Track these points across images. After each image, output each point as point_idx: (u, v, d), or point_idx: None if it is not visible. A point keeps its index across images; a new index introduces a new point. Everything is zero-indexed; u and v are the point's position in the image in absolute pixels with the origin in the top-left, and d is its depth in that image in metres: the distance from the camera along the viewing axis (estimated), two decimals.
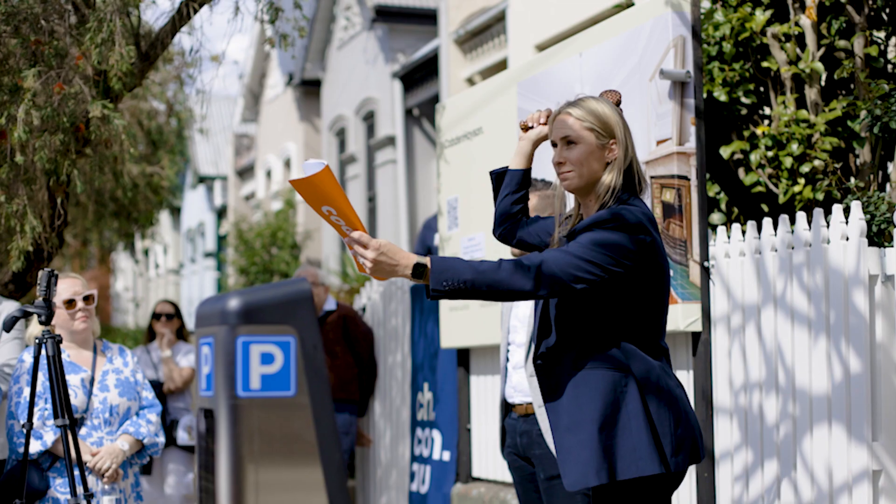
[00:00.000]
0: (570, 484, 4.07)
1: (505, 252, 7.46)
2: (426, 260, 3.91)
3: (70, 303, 6.32)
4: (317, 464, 6.50)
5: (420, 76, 19.60)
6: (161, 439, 6.50)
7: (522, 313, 5.72)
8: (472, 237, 7.91)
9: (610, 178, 4.13)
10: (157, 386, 9.52)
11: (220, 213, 34.95)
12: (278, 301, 6.60)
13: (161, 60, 11.67)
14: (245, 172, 31.86)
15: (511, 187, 4.58)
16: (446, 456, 8.87)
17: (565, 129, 4.17)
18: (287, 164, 27.12)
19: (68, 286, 6.32)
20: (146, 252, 39.31)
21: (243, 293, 6.94)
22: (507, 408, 5.90)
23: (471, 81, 17.35)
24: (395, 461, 9.89)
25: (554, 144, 4.23)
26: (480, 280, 3.88)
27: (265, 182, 28.95)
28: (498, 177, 4.68)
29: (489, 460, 8.43)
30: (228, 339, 6.53)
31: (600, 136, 4.15)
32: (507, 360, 5.84)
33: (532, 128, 4.48)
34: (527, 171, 4.58)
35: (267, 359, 6.46)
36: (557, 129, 4.20)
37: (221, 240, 33.67)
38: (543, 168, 6.43)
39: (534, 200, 5.73)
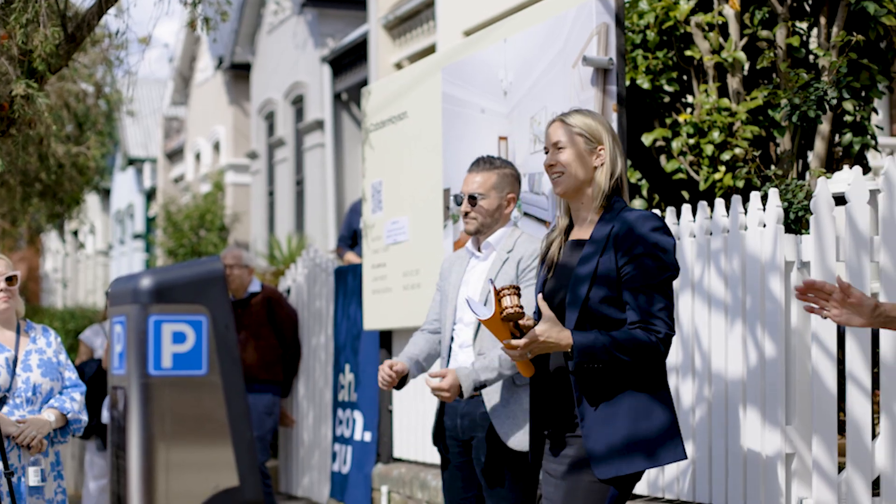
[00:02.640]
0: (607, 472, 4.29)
1: (434, 244, 7.49)
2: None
3: None
4: (228, 443, 6.50)
5: (349, 61, 19.56)
6: (84, 417, 6.46)
7: (472, 291, 5.68)
8: (396, 220, 7.93)
9: (601, 180, 4.44)
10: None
11: (150, 196, 34.72)
12: (190, 280, 6.58)
13: (88, 42, 11.57)
14: (174, 155, 31.67)
15: None
16: (367, 437, 8.90)
17: (555, 135, 4.49)
18: (216, 147, 27.01)
19: None
20: (75, 233, 39.01)
21: (156, 272, 6.91)
22: None
23: (399, 66, 17.34)
24: (318, 442, 9.91)
25: (546, 151, 4.52)
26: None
27: (194, 165, 28.81)
28: None
29: (410, 441, 8.47)
30: (140, 318, 6.51)
31: (588, 142, 4.46)
32: (452, 339, 5.70)
33: None
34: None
35: (179, 337, 6.45)
36: (549, 136, 4.51)
37: (150, 222, 33.47)
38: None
39: (493, 178, 5.66)
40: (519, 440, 5.45)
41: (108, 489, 9.58)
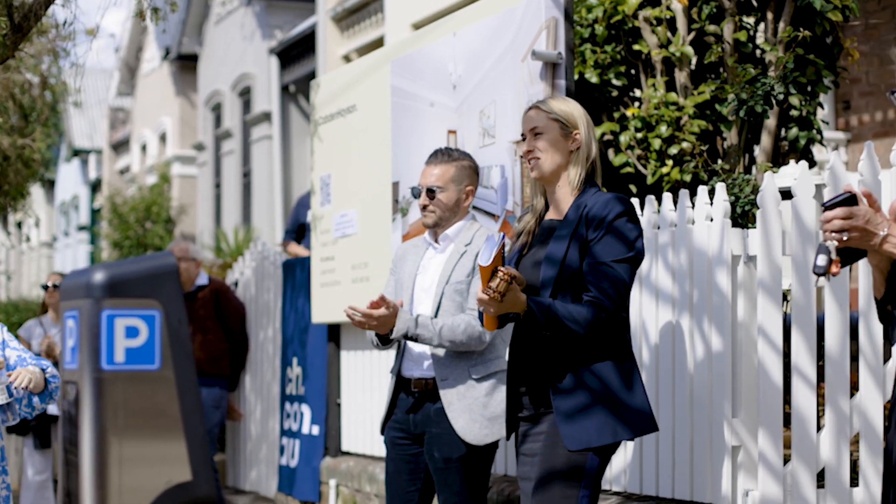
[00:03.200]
0: (581, 442, 4.44)
1: (383, 238, 7.49)
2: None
3: None
4: (181, 438, 6.49)
5: (297, 53, 19.51)
6: (59, 376, 6.32)
7: (428, 283, 5.67)
8: (345, 213, 7.92)
9: (577, 164, 4.61)
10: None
11: (95, 187, 34.51)
12: (143, 275, 6.56)
13: (35, 32, 11.47)
14: (120, 146, 31.49)
15: None
16: (315, 430, 8.89)
17: (533, 121, 4.64)
18: (162, 138, 26.87)
19: None
20: (19, 225, 38.69)
21: (108, 266, 6.88)
22: (401, 382, 5.73)
23: (348, 59, 17.31)
24: (266, 435, 9.89)
25: (524, 137, 4.65)
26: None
27: (140, 156, 28.65)
28: None
29: (358, 434, 8.47)
30: (93, 313, 6.48)
31: (564, 127, 4.60)
32: None
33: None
34: None
35: (131, 332, 6.44)
36: (526, 123, 4.66)
37: (95, 213, 33.26)
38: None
39: (452, 171, 5.65)
40: (475, 434, 5.46)
41: (47, 485, 9.53)
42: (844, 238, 3.46)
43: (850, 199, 3.48)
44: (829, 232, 3.47)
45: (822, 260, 3.45)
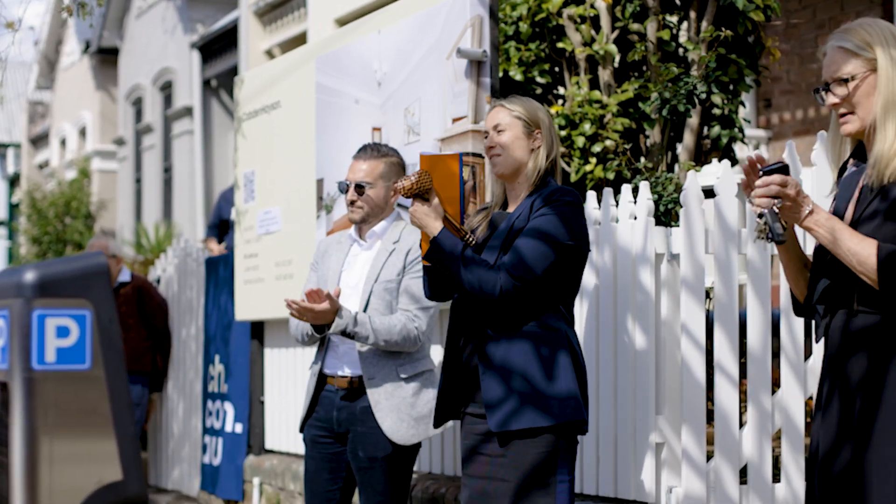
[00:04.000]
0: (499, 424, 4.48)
1: (307, 235, 7.46)
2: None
3: None
4: (111, 436, 6.44)
5: (219, 47, 19.40)
6: None
7: (356, 281, 5.65)
8: (269, 210, 7.89)
9: (536, 162, 4.67)
10: None
11: (13, 182, 34.16)
12: (74, 274, 6.51)
13: None
14: (39, 140, 31.17)
15: None
16: (238, 428, 8.85)
17: (496, 118, 4.71)
18: (82, 132, 26.62)
19: None
20: None
21: (39, 266, 6.81)
22: (323, 379, 5.68)
23: (270, 54, 17.25)
24: (188, 433, 9.83)
25: (486, 135, 4.71)
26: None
27: (59, 151, 28.37)
28: None
29: (282, 433, 8.44)
30: (24, 312, 6.42)
31: (526, 125, 4.68)
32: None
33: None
34: None
35: (62, 332, 6.38)
36: (489, 120, 4.73)
37: (14, 208, 32.93)
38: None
39: (381, 167, 5.64)
40: (403, 434, 5.45)
41: None
42: (778, 205, 3.51)
43: (785, 169, 3.54)
44: (764, 197, 3.52)
45: (779, 227, 3.51)
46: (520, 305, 4.50)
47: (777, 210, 3.53)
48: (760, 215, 3.55)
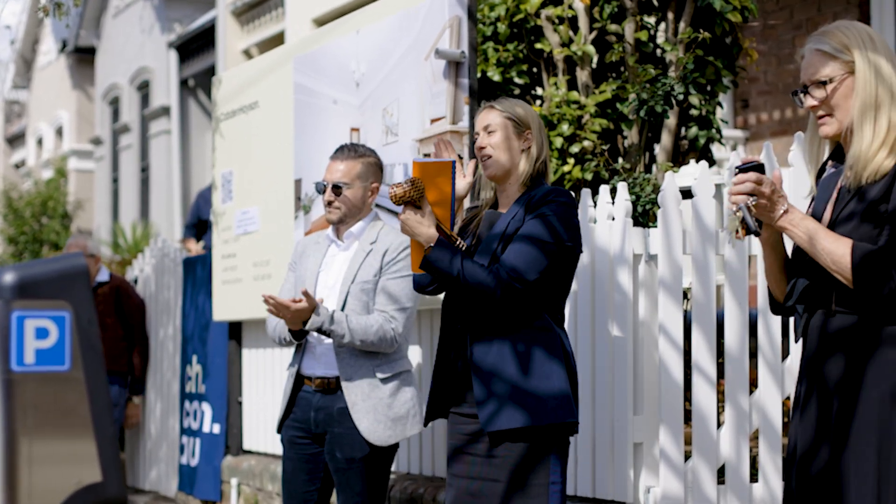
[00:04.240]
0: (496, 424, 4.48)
1: (285, 235, 7.46)
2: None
3: None
4: (91, 438, 6.43)
5: (196, 47, 19.36)
6: None
7: (333, 281, 5.64)
8: (247, 210, 7.88)
9: (527, 162, 4.69)
10: None
11: None
12: (54, 276, 6.50)
13: None
14: (15, 140, 31.06)
15: None
16: (216, 429, 8.83)
17: (486, 119, 4.72)
18: (59, 132, 26.54)
19: None
20: None
21: (18, 267, 6.79)
22: (300, 380, 5.68)
23: (248, 53, 17.23)
24: (165, 434, 9.81)
25: (477, 134, 4.74)
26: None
27: (36, 150, 28.27)
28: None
29: (260, 433, 8.43)
30: (3, 314, 6.39)
31: (517, 126, 4.69)
32: None
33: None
34: None
35: (41, 333, 6.36)
36: (480, 121, 4.74)
37: None
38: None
39: (358, 167, 5.64)
40: (380, 435, 5.45)
41: None
42: (753, 202, 3.54)
43: (760, 167, 3.57)
44: (740, 194, 3.56)
45: (752, 223, 3.54)
46: (518, 306, 4.51)
47: (751, 207, 3.56)
48: (737, 210, 3.58)
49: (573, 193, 4.97)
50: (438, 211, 4.56)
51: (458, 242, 4.60)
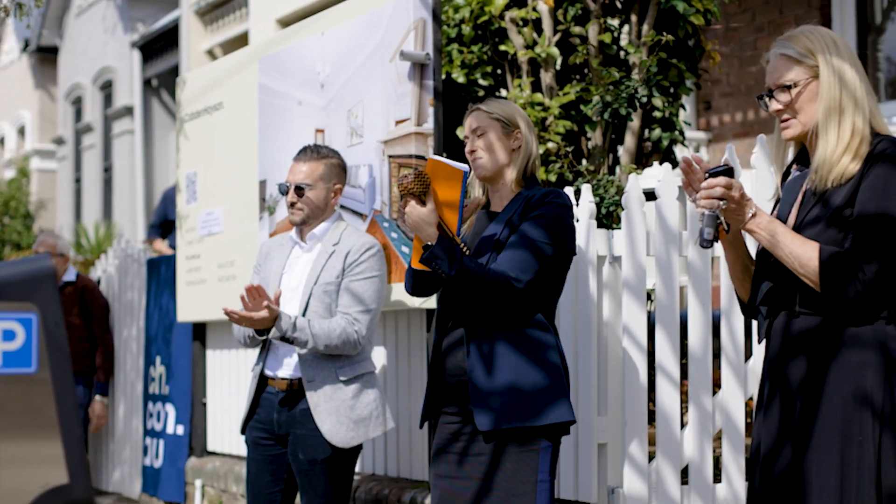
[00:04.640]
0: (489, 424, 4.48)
1: (250, 236, 7.45)
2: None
3: None
4: (57, 440, 6.40)
5: (160, 46, 19.32)
6: None
7: (296, 283, 5.64)
8: (211, 211, 7.87)
9: (518, 162, 4.70)
10: None
11: None
12: (21, 278, 6.46)
13: None
14: None
15: None
16: (180, 430, 8.82)
17: (475, 121, 4.72)
18: (21, 132, 26.41)
19: None
20: None
21: None
22: (263, 381, 5.69)
23: (211, 54, 17.20)
24: (129, 435, 9.78)
25: (466, 138, 4.72)
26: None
27: None
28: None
29: (224, 434, 8.42)
30: None
31: (505, 126, 4.69)
32: None
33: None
34: None
35: (8, 335, 6.32)
36: (468, 124, 4.74)
37: None
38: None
39: (321, 168, 5.65)
40: (342, 437, 5.46)
41: None
42: (723, 206, 3.58)
43: (730, 171, 3.61)
44: (709, 199, 3.59)
45: (708, 233, 3.58)
46: (516, 307, 4.52)
47: (719, 211, 3.60)
48: (704, 216, 3.61)
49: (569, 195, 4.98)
50: (447, 213, 4.53)
51: (462, 247, 4.58)
